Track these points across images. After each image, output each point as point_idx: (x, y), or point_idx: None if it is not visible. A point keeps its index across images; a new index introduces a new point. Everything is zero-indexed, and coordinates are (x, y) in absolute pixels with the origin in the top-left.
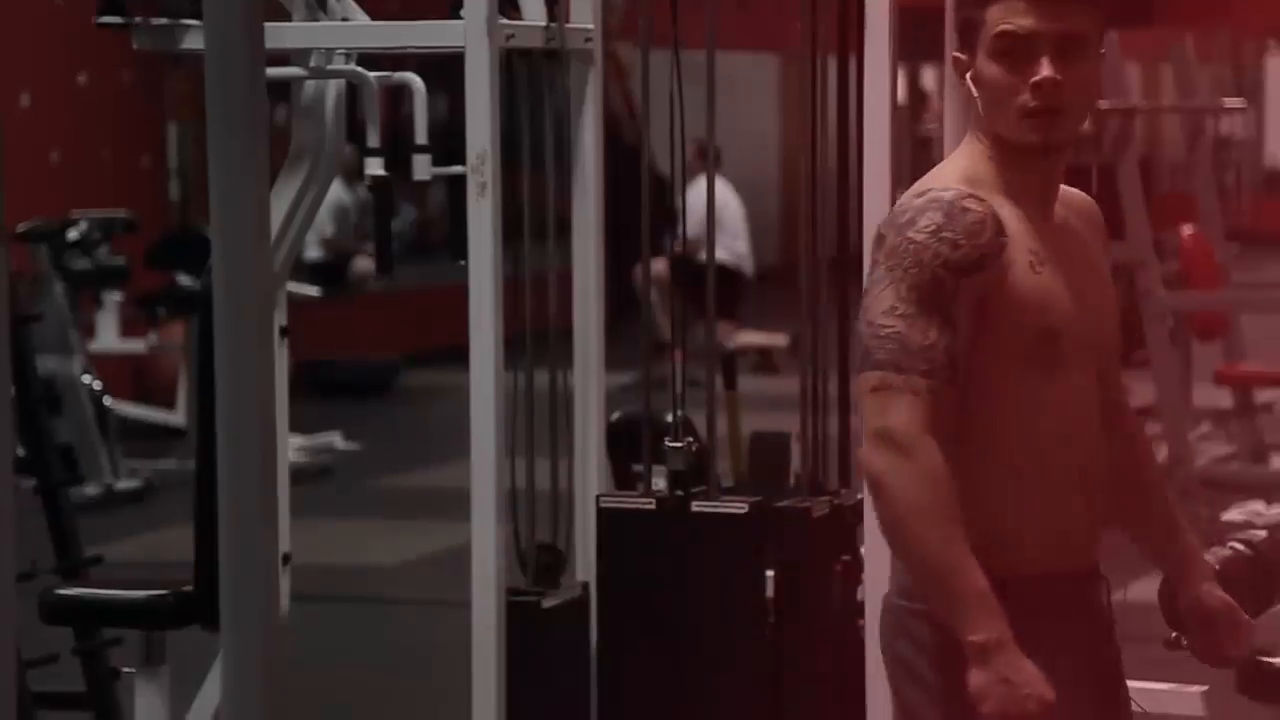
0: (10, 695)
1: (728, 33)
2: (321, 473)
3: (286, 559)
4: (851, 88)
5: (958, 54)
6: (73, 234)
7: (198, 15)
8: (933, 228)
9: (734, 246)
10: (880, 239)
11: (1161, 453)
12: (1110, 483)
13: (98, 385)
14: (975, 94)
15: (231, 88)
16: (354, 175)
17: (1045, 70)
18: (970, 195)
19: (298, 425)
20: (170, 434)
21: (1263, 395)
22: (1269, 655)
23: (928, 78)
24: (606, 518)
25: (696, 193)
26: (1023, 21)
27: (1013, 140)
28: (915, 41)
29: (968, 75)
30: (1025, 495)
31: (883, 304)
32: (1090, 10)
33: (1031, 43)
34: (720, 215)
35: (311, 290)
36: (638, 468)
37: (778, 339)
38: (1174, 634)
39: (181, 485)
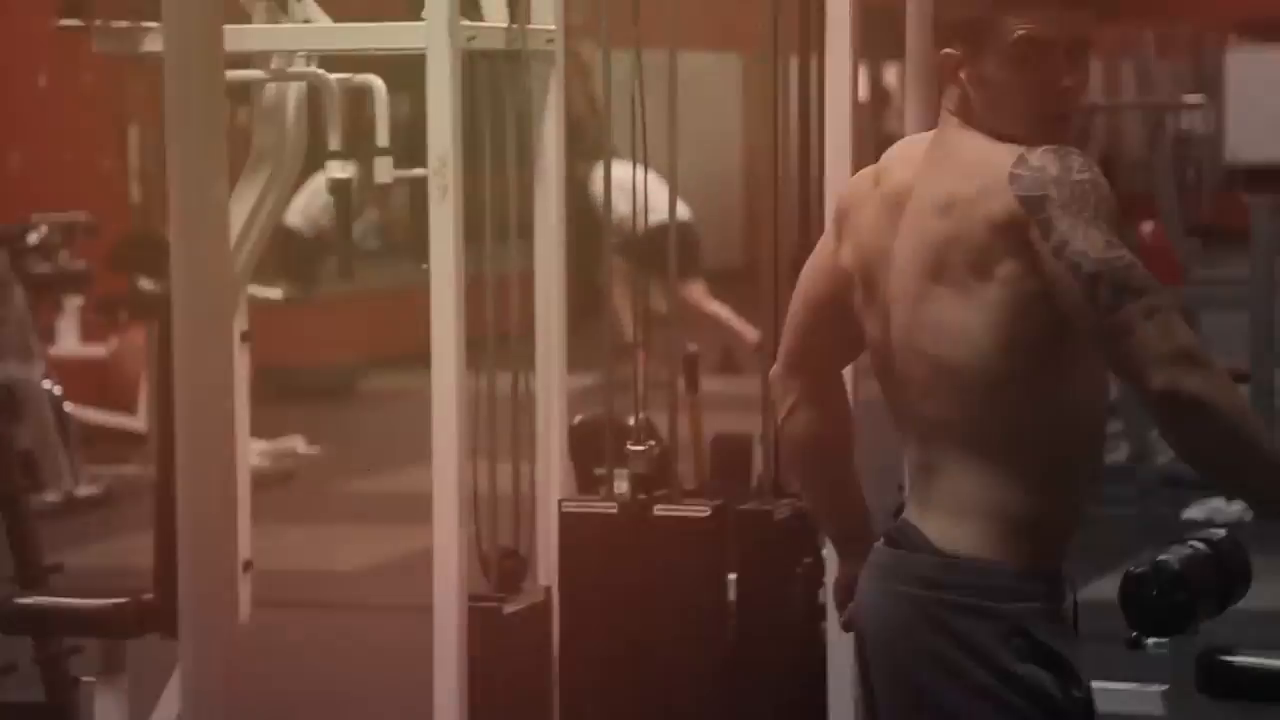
0: None
1: (689, 32)
2: (284, 478)
3: (248, 565)
4: (813, 86)
5: (950, 50)
6: (33, 238)
7: (159, 17)
8: (1085, 165)
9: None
10: (1040, 200)
11: (1122, 450)
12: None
13: (58, 390)
14: (972, 93)
15: (191, 90)
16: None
17: (1068, 78)
18: None
19: (259, 430)
20: (131, 439)
21: None
22: (1229, 654)
23: (890, 75)
24: (569, 522)
25: (618, 175)
26: (1043, 29)
27: (1021, 140)
28: (877, 39)
29: (961, 73)
30: (1074, 480)
31: (1097, 242)
32: (1093, 13)
33: (1051, 49)
34: (640, 191)
35: (274, 293)
36: (600, 471)
37: (749, 330)
38: (1134, 633)
39: (143, 491)
